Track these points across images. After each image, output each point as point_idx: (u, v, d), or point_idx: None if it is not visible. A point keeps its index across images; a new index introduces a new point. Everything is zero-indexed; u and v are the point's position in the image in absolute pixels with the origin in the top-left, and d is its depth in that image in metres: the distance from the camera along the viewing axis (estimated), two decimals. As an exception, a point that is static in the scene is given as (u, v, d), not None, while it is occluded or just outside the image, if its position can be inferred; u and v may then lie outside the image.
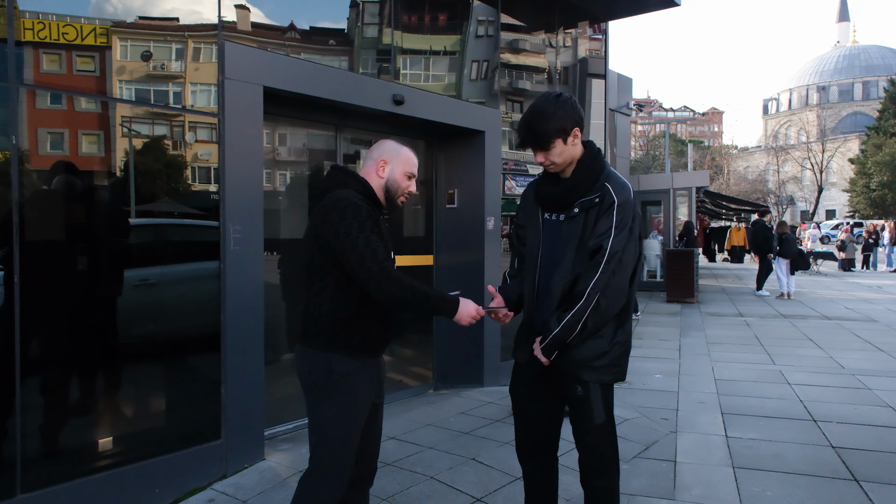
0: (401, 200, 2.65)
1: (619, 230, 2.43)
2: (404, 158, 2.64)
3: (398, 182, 2.61)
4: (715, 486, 3.86)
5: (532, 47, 6.95)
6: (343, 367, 2.47)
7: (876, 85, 66.87)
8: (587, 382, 2.52)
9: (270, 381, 4.52)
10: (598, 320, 2.47)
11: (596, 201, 2.47)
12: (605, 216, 2.45)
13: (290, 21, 4.52)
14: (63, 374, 3.38)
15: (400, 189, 2.62)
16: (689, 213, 15.14)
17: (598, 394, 2.54)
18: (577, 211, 2.50)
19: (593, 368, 2.52)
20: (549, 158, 2.52)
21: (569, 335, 2.46)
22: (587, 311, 2.43)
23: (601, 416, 2.54)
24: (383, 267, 2.35)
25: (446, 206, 6.22)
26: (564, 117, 2.46)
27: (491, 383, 6.05)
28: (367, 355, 2.53)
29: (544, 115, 2.46)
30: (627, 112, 14.58)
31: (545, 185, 2.64)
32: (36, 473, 3.16)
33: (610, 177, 2.53)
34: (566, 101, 2.50)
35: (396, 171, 2.61)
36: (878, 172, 42.87)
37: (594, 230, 2.46)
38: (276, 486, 3.77)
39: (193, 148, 3.93)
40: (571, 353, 2.51)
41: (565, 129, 2.47)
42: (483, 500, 3.62)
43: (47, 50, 3.29)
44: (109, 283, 3.55)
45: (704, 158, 55.32)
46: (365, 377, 2.52)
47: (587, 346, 2.51)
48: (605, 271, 2.42)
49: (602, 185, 2.49)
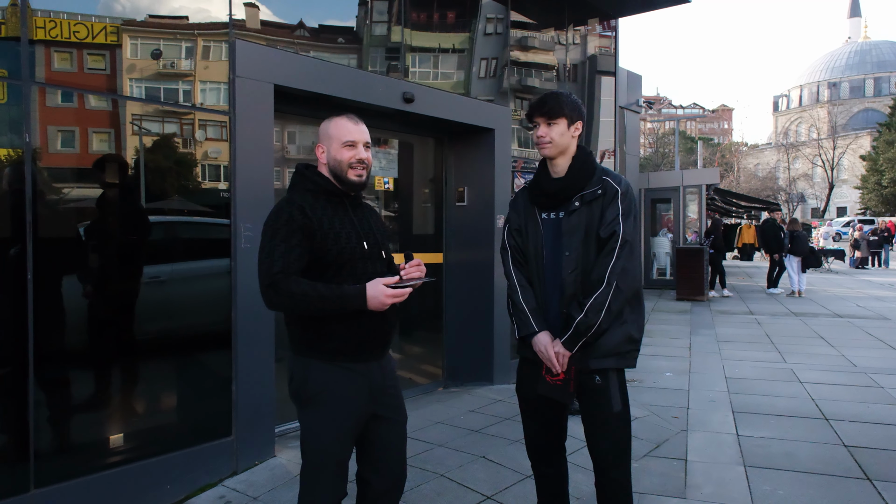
0: (355, 175, 2.41)
1: (627, 216, 2.54)
2: (333, 132, 2.43)
3: (337, 158, 2.40)
4: (726, 485, 3.84)
5: (541, 45, 6.92)
6: (320, 373, 2.35)
7: (888, 81, 66.45)
8: (606, 371, 2.57)
9: (281, 379, 4.53)
10: (620, 303, 2.52)
11: (599, 193, 2.57)
12: (611, 205, 2.55)
13: (300, 19, 4.52)
14: (75, 371, 3.40)
15: (342, 165, 2.40)
16: (700, 211, 15.05)
17: (616, 381, 2.60)
18: (578, 205, 2.58)
19: (618, 356, 2.58)
20: (549, 134, 2.61)
21: (595, 319, 2.47)
22: (610, 294, 2.48)
23: (619, 404, 2.59)
24: (272, 281, 2.23)
25: (456, 204, 6.21)
26: (575, 108, 2.66)
27: (501, 381, 6.04)
28: (349, 361, 2.36)
29: (560, 95, 2.65)
30: (637, 109, 14.50)
31: (543, 182, 2.70)
32: (49, 469, 3.18)
33: (606, 171, 2.69)
34: (578, 101, 2.71)
35: (332, 149, 2.42)
36: (890, 169, 42.59)
37: (602, 219, 2.54)
38: (287, 483, 3.78)
39: (203, 146, 3.94)
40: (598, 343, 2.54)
41: (572, 117, 2.64)
42: (493, 498, 3.62)
43: (59, 48, 3.30)
44: (123, 279, 3.57)
45: (714, 156, 55.01)
46: (347, 384, 2.35)
47: (613, 333, 2.56)
48: (621, 255, 2.50)
49: (600, 179, 2.61)
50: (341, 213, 2.42)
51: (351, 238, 2.39)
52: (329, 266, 2.34)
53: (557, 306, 2.61)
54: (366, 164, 2.44)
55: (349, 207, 2.47)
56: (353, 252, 2.37)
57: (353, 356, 2.37)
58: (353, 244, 2.38)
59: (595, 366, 2.56)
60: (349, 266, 2.36)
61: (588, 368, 2.55)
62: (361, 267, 2.39)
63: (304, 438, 2.40)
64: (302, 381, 2.37)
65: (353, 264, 2.38)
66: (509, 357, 6.12)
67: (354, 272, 2.37)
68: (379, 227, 2.58)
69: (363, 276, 2.36)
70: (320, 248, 2.32)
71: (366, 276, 2.35)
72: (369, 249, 2.44)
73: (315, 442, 2.37)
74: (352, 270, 2.37)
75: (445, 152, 6.24)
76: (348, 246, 2.37)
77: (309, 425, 2.38)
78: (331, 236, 2.34)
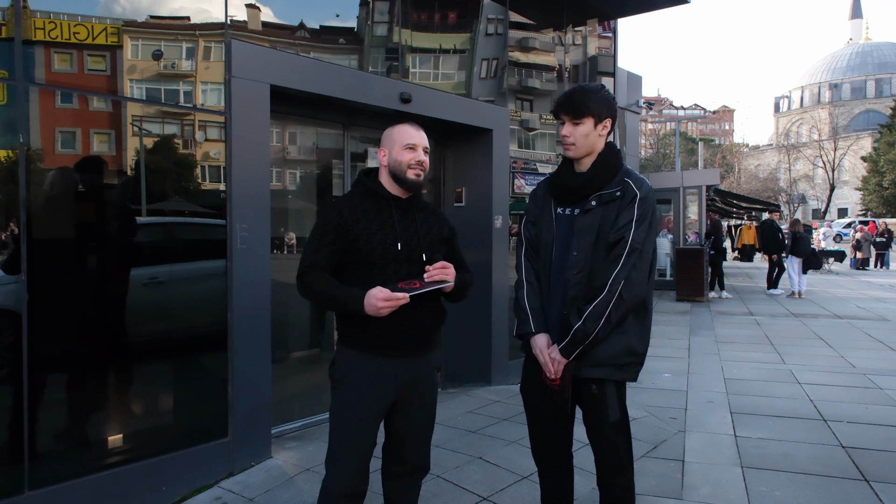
0: (413, 174, 2.57)
1: (640, 223, 2.42)
2: (396, 136, 2.60)
3: (398, 159, 2.57)
4: (723, 486, 3.84)
5: (541, 45, 6.93)
6: (349, 361, 2.53)
7: (889, 82, 66.43)
8: (602, 380, 2.49)
9: (278, 380, 4.53)
10: (622, 313, 2.42)
11: (617, 195, 2.46)
12: (627, 209, 2.44)
13: (300, 20, 4.52)
14: (70, 372, 3.39)
15: (402, 165, 2.56)
16: (700, 212, 15.04)
17: (614, 391, 2.52)
18: (595, 204, 2.48)
19: (614, 367, 2.49)
20: (573, 134, 2.51)
21: (593, 328, 2.39)
22: (610, 303, 2.38)
23: (616, 414, 2.52)
24: (301, 272, 2.49)
25: (454, 205, 6.21)
26: (604, 104, 2.52)
27: (499, 382, 6.04)
28: (377, 353, 2.51)
29: (588, 92, 2.51)
30: (637, 110, 14.49)
31: (564, 175, 2.62)
32: (43, 470, 3.18)
33: (629, 173, 2.54)
34: (609, 94, 2.57)
35: (394, 151, 2.58)
36: (891, 170, 42.58)
37: (615, 223, 2.44)
38: (283, 484, 3.78)
39: (203, 147, 3.94)
40: (594, 352, 2.46)
41: (600, 114, 2.51)
42: (490, 500, 3.61)
43: (59, 49, 3.30)
44: (117, 281, 3.57)
45: (715, 157, 55.04)
46: (371, 374, 2.50)
47: (610, 343, 2.46)
48: (627, 264, 2.39)
49: (622, 181, 2.49)
50: (384, 216, 2.56)
51: (386, 240, 2.52)
52: (359, 264, 2.50)
53: (560, 305, 2.53)
54: (424, 166, 2.60)
55: (394, 210, 2.59)
56: (385, 253, 2.50)
57: (380, 350, 2.51)
58: (385, 245, 2.51)
59: (587, 374, 2.48)
60: (379, 265, 2.50)
61: (581, 376, 2.49)
62: (393, 267, 2.52)
63: (330, 420, 2.57)
64: (333, 365, 2.60)
65: (384, 264, 2.51)
66: (507, 358, 6.12)
67: (384, 272, 2.50)
68: (428, 232, 2.67)
69: (393, 276, 2.49)
70: (351, 246, 2.49)
71: (397, 277, 2.49)
72: (405, 251, 2.54)
73: (336, 424, 2.53)
74: (381, 270, 2.50)
75: (444, 153, 6.24)
76: (380, 247, 2.50)
77: (333, 408, 2.56)
78: (363, 236, 2.49)
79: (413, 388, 2.60)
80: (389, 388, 2.53)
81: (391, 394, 2.54)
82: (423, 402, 2.67)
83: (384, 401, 2.54)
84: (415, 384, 2.60)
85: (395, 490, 2.74)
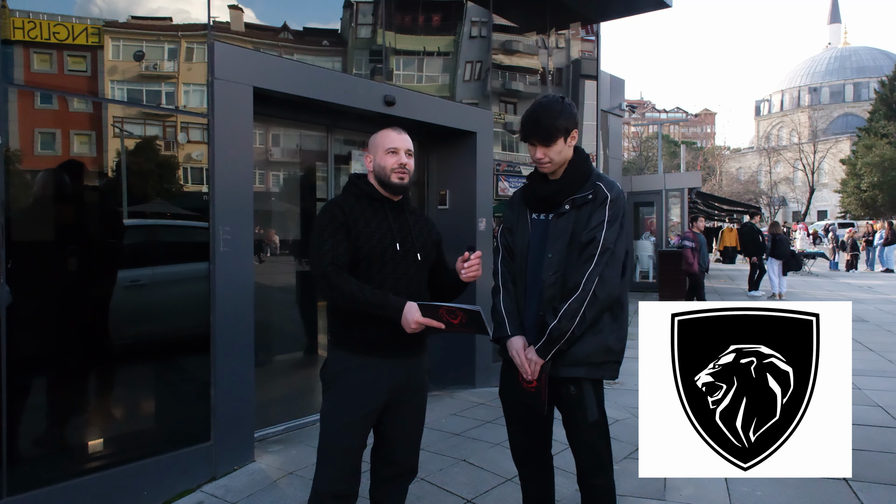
0: (397, 177, 2.59)
1: (612, 223, 2.48)
2: (379, 141, 2.64)
3: (381, 164, 2.61)
4: (705, 487, 3.87)
5: (525, 49, 6.95)
6: (341, 362, 2.55)
7: (867, 86, 67.22)
8: (580, 381, 2.52)
9: (261, 383, 4.51)
10: (596, 312, 2.46)
11: (589, 198, 2.52)
12: (598, 211, 2.50)
13: (284, 22, 4.51)
14: (50, 375, 3.35)
15: (385, 170, 2.59)
16: (682, 215, 15.18)
17: (591, 392, 2.54)
18: (568, 208, 2.54)
19: (591, 365, 2.52)
20: (548, 155, 2.55)
21: (568, 327, 2.42)
22: (585, 301, 2.42)
23: (595, 414, 2.55)
24: (325, 272, 2.44)
25: (438, 207, 6.22)
26: (569, 118, 2.55)
27: (483, 384, 6.05)
28: (370, 354, 2.53)
29: (552, 112, 2.53)
30: (620, 113, 14.56)
31: (537, 183, 2.67)
32: (22, 476, 3.14)
33: (600, 177, 2.63)
34: (570, 104, 2.60)
35: (378, 156, 2.62)
36: (869, 174, 43.05)
37: (587, 224, 2.49)
38: (266, 487, 3.76)
39: (185, 149, 3.92)
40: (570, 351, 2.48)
41: (568, 129, 2.55)
42: (474, 502, 3.62)
43: (38, 49, 3.27)
44: (100, 284, 3.54)
45: (697, 159, 55.42)
46: (364, 376, 2.52)
47: (586, 342, 2.49)
48: (599, 263, 2.44)
49: (594, 184, 2.56)
50: (380, 217, 2.60)
51: (384, 239, 2.56)
52: (361, 261, 2.53)
53: (536, 308, 2.56)
54: (407, 169, 2.62)
55: (388, 212, 2.63)
56: (385, 251, 2.55)
57: (375, 351, 2.54)
58: (385, 244, 2.55)
59: (565, 374, 2.50)
60: (379, 263, 2.54)
61: (558, 376, 2.51)
62: (392, 266, 2.57)
63: (321, 421, 2.59)
64: (325, 366, 2.61)
65: (384, 262, 2.55)
66: (491, 360, 6.13)
67: (384, 270, 2.55)
68: (420, 233, 2.71)
69: (392, 274, 2.56)
70: (354, 244, 2.51)
71: (395, 275, 2.56)
72: (402, 251, 2.59)
73: (327, 424, 2.55)
74: (381, 267, 2.55)
75: (427, 155, 6.24)
76: (380, 245, 2.54)
77: (324, 409, 2.57)
78: (364, 235, 2.53)
79: (405, 390, 2.62)
80: (382, 389, 2.55)
81: (383, 395, 2.56)
82: (415, 404, 2.69)
83: (376, 402, 2.55)
84: (407, 386, 2.62)
85: (382, 494, 2.74)
